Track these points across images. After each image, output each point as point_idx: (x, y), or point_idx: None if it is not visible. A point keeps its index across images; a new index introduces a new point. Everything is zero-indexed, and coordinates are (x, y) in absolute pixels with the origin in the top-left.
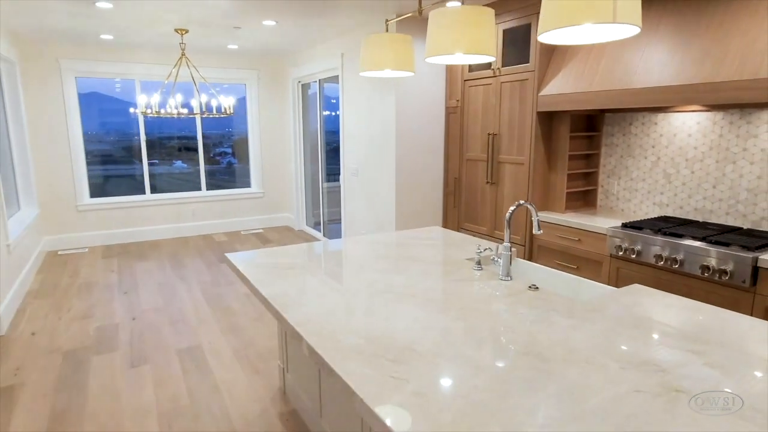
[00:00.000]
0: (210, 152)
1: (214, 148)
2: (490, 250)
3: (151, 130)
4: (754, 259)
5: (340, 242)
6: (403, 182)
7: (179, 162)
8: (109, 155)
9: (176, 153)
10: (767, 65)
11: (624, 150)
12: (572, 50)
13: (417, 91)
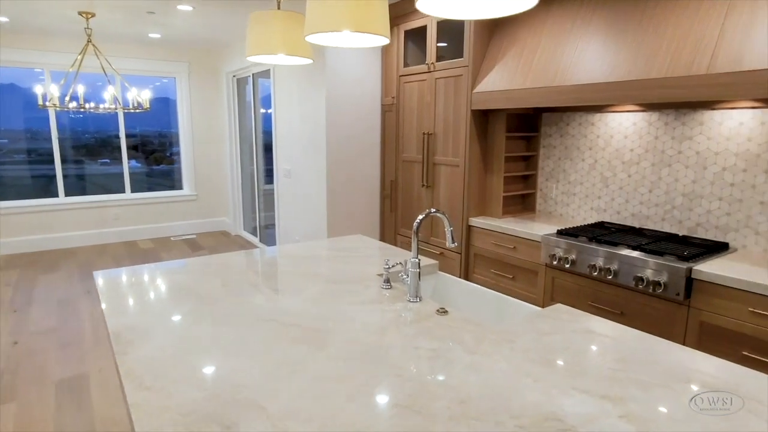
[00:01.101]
0: (150, 151)
1: (166, 147)
2: (401, 265)
3: (79, 126)
4: (688, 270)
5: (244, 254)
6: (335, 185)
7: (133, 162)
8: (26, 153)
9: (106, 152)
10: (699, 61)
11: (562, 152)
12: (507, 44)
13: (350, 86)
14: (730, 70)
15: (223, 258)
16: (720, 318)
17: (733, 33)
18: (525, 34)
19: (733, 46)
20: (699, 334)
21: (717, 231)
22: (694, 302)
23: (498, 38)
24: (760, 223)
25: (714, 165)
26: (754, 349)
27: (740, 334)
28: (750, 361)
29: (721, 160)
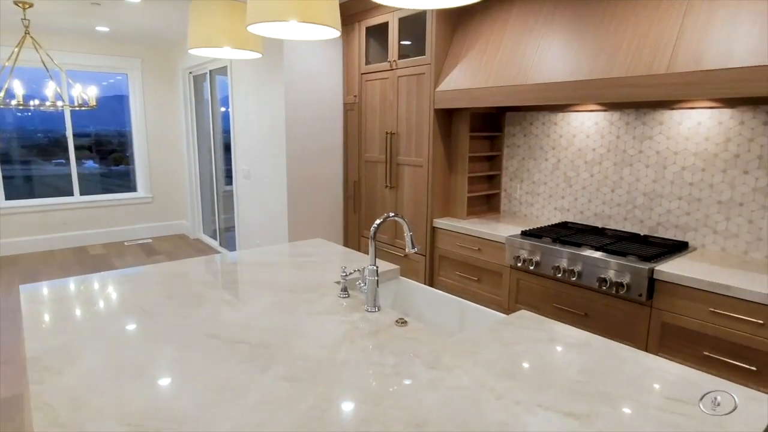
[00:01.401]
0: (109, 151)
1: (125, 146)
2: (359, 272)
3: (29, 124)
4: (650, 271)
5: (194, 263)
6: (296, 186)
7: (90, 163)
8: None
9: (60, 152)
10: (659, 60)
11: (526, 151)
12: (469, 42)
13: (310, 84)
14: (690, 70)
15: (172, 267)
16: (681, 318)
17: (691, 32)
18: (487, 31)
19: (692, 46)
20: (661, 334)
21: (677, 230)
22: (656, 303)
23: (460, 36)
24: (717, 222)
25: (674, 165)
26: (715, 349)
27: (701, 335)
28: (710, 362)
29: (680, 160)
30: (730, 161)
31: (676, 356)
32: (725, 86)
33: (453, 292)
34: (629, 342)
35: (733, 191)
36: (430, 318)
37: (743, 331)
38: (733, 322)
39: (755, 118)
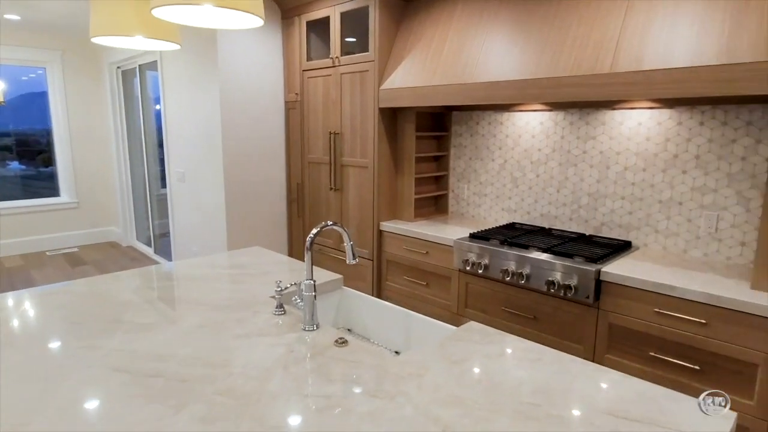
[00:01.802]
0: (38, 152)
1: (49, 147)
2: (296, 285)
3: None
4: (597, 272)
5: (110, 279)
6: (234, 189)
7: (15, 164)
8: None
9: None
10: (602, 60)
11: (472, 152)
12: (414, 38)
13: (248, 81)
14: (632, 70)
15: (88, 284)
16: (628, 319)
17: (633, 32)
18: (432, 27)
19: (633, 46)
20: (609, 336)
21: (620, 230)
22: (603, 304)
23: (405, 32)
24: (659, 221)
25: (616, 164)
26: (660, 350)
27: (647, 335)
28: (657, 362)
29: (622, 160)
30: (670, 161)
31: (623, 357)
32: (665, 87)
33: (401, 297)
34: (578, 344)
35: (672, 191)
36: (376, 331)
37: (687, 330)
38: (678, 322)
39: (692, 118)
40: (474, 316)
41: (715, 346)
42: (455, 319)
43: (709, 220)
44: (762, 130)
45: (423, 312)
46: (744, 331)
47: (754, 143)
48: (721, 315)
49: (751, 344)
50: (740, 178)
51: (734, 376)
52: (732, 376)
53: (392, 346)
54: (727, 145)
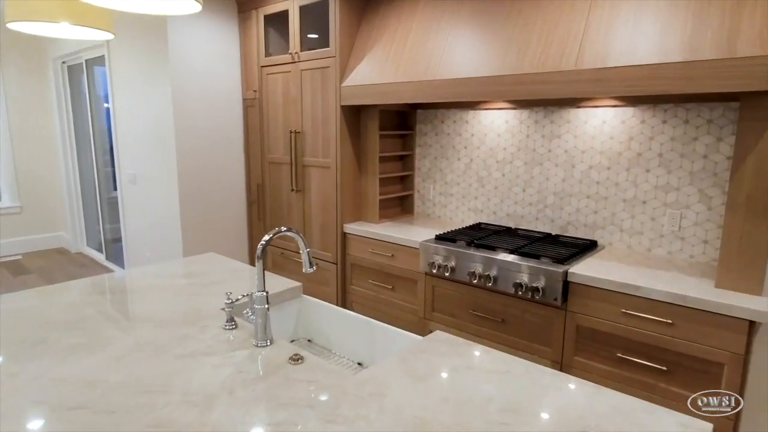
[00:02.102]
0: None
1: None
2: (247, 296)
3: None
4: (564, 274)
5: (46, 292)
6: (189, 192)
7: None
8: None
9: None
10: (567, 57)
11: (438, 151)
12: (376, 34)
13: (203, 77)
14: (597, 67)
15: (9, 300)
16: (595, 321)
17: (597, 29)
18: (394, 23)
19: (597, 43)
20: (576, 338)
21: (586, 229)
22: (570, 306)
23: (367, 27)
24: (623, 220)
25: (581, 163)
26: (627, 351)
27: (614, 336)
28: (624, 363)
29: (587, 159)
30: (633, 160)
31: (591, 359)
32: (630, 84)
33: (367, 301)
34: (546, 347)
35: (636, 189)
36: (338, 341)
37: (653, 331)
38: (644, 323)
39: (655, 116)
40: (442, 320)
41: (682, 346)
42: (422, 323)
43: (672, 219)
44: (722, 128)
45: (390, 317)
46: (709, 330)
47: (715, 141)
48: (687, 315)
49: (716, 344)
50: (702, 176)
51: (700, 375)
52: (698, 376)
53: (355, 357)
54: (689, 144)
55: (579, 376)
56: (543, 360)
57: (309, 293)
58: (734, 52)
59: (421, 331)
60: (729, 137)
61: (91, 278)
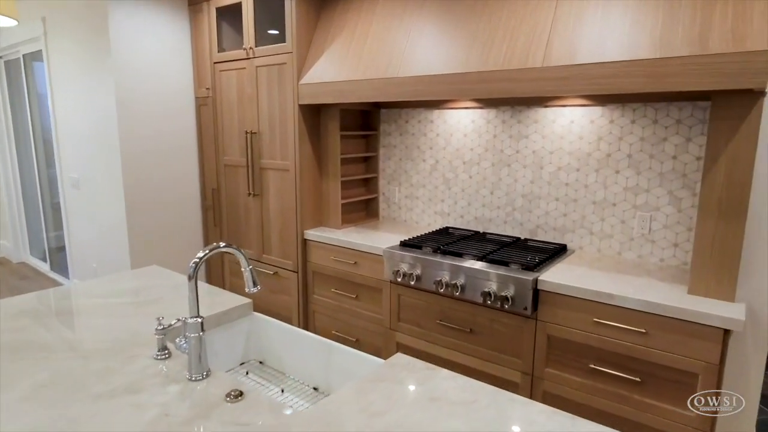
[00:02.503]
0: None
1: None
2: (180, 320)
3: None
4: (534, 281)
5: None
6: (137, 197)
7: None
8: None
9: None
10: (534, 53)
11: (403, 152)
12: (335, 29)
13: (150, 74)
14: (564, 64)
15: None
16: (566, 330)
17: (564, 25)
18: (354, 18)
19: (565, 39)
20: (547, 348)
21: (555, 233)
22: (541, 315)
23: (325, 22)
24: (593, 223)
25: (550, 164)
26: (600, 361)
27: (586, 346)
28: (597, 375)
29: (556, 160)
30: (603, 160)
31: (563, 371)
32: (598, 82)
33: (329, 311)
34: (517, 358)
35: (606, 191)
36: (292, 363)
37: (627, 341)
38: (617, 332)
39: (623, 116)
40: (408, 331)
41: (656, 356)
42: (388, 334)
43: (642, 221)
44: (692, 128)
45: (354, 327)
46: (683, 339)
47: (684, 141)
48: (661, 323)
49: (690, 353)
50: (671, 177)
51: (675, 386)
52: (672, 387)
53: (311, 380)
54: (658, 144)
55: (551, 388)
56: (513, 371)
57: (269, 303)
58: (706, 49)
59: (387, 342)
60: (698, 137)
61: (18, 297)
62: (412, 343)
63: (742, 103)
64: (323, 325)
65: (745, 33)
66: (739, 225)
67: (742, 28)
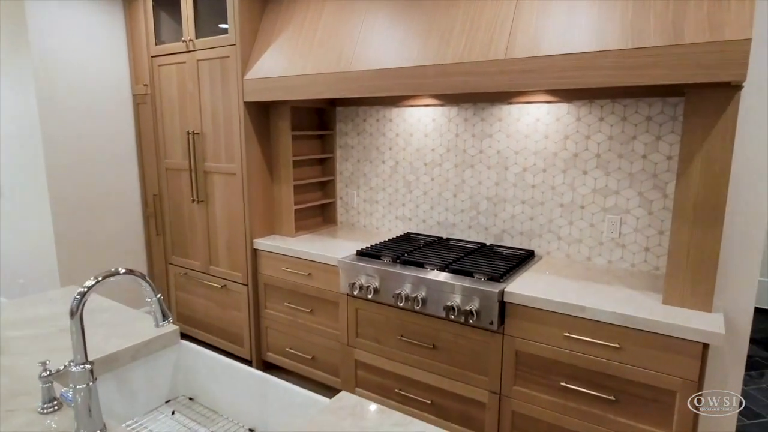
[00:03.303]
0: None
1: None
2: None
3: None
4: (501, 294)
5: None
6: (66, 206)
7: None
8: None
9: None
10: (496, 45)
11: (360, 153)
12: (282, 20)
13: (78, 70)
14: (529, 55)
15: None
16: (535, 345)
17: (529, 13)
18: (303, 8)
19: (529, 28)
20: (515, 365)
21: (522, 237)
22: (508, 329)
23: (271, 13)
24: (561, 227)
25: (515, 165)
26: (572, 379)
27: (557, 363)
28: (568, 393)
29: (521, 160)
30: (570, 161)
31: (532, 389)
32: (565, 75)
33: (282, 327)
34: (483, 375)
35: (574, 193)
36: (226, 401)
37: (600, 356)
38: (589, 347)
39: (591, 113)
40: (366, 347)
41: (631, 372)
42: (345, 350)
43: (612, 225)
44: (662, 126)
45: (310, 344)
46: (659, 354)
47: (654, 140)
48: (635, 337)
49: (667, 369)
50: (641, 178)
51: (651, 405)
52: (649, 405)
53: (246, 421)
54: (627, 143)
55: (519, 408)
56: (480, 390)
57: (216, 320)
58: (681, 38)
59: (344, 360)
60: (668, 135)
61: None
62: (371, 360)
63: (718, 98)
64: (276, 342)
65: (722, 21)
66: (716, 231)
67: (719, 15)
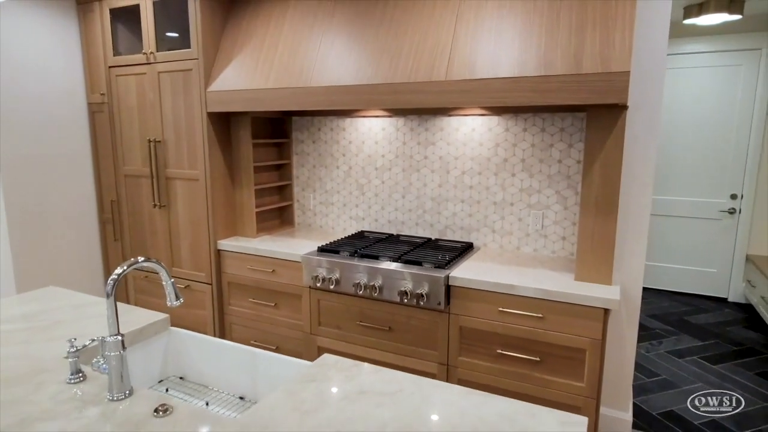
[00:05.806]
0: None
1: None
2: (95, 340)
3: None
4: (446, 278)
5: None
6: (21, 214)
7: None
8: None
9: None
10: (438, 67)
11: (316, 159)
12: (243, 37)
13: (31, 78)
14: (465, 78)
15: None
16: (475, 320)
17: (464, 40)
18: (264, 26)
19: (465, 55)
20: (459, 338)
21: (462, 232)
22: (453, 308)
23: (233, 29)
24: (495, 222)
25: (455, 169)
26: (506, 346)
27: (493, 334)
28: (503, 359)
29: (460, 165)
30: (500, 165)
31: (474, 358)
32: (494, 95)
33: (247, 321)
34: (433, 350)
35: (504, 192)
36: (215, 376)
37: (527, 325)
38: (519, 319)
39: (517, 125)
40: (328, 334)
41: (551, 336)
42: (309, 339)
43: (536, 219)
44: (572, 136)
45: (274, 335)
46: (572, 320)
47: (567, 147)
48: (554, 308)
49: (578, 332)
50: (558, 179)
51: (567, 362)
52: (566, 363)
53: (236, 390)
54: (546, 150)
55: (464, 375)
56: (430, 363)
57: (182, 318)
58: (580, 69)
59: (307, 347)
60: (578, 144)
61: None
62: (333, 346)
63: (611, 116)
64: (240, 337)
65: (610, 56)
66: (612, 219)
67: (608, 51)
